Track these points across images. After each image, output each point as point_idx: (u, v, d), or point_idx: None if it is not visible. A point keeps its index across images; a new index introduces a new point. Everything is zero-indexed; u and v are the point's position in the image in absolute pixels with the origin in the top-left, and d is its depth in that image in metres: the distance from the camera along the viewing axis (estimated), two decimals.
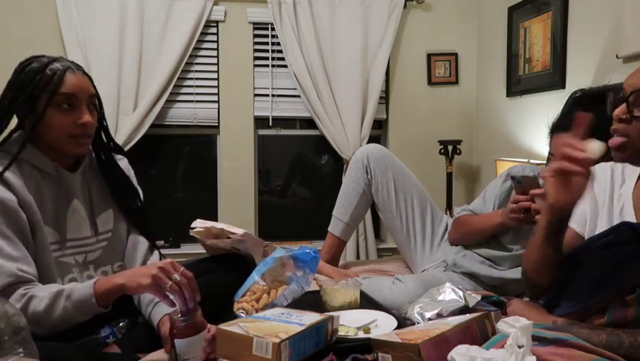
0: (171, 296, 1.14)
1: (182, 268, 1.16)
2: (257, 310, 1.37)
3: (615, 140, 1.14)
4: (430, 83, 3.51)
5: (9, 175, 1.24)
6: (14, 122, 1.34)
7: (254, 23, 3.30)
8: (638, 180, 1.24)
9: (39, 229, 1.27)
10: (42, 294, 1.17)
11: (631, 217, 1.19)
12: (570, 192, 1.09)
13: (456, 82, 3.53)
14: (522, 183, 1.63)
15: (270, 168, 3.66)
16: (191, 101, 3.26)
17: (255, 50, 3.33)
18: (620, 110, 1.12)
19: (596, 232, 1.25)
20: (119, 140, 2.97)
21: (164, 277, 1.13)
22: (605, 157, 1.27)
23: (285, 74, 3.32)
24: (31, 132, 1.29)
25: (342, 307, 1.44)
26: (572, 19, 2.52)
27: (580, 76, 2.44)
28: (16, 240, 1.22)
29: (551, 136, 1.66)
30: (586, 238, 1.27)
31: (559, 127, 1.63)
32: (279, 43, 3.27)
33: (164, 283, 1.12)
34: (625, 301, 0.99)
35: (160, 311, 1.31)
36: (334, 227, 2.20)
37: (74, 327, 1.33)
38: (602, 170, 1.32)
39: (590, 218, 1.28)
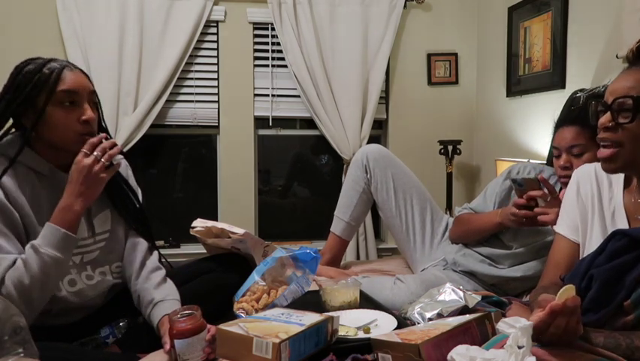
0: None
1: (98, 147, 1.27)
2: (257, 310, 1.37)
3: (604, 152, 1.13)
4: (430, 83, 3.51)
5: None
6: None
7: (254, 23, 3.29)
8: (626, 183, 1.23)
9: (33, 230, 1.27)
10: (14, 269, 1.20)
11: (623, 221, 1.18)
12: None
13: (456, 82, 3.53)
14: (523, 186, 1.63)
15: (270, 168, 3.65)
16: (191, 101, 3.26)
17: (255, 50, 3.32)
18: (605, 119, 1.11)
19: (589, 238, 1.24)
20: (119, 140, 2.96)
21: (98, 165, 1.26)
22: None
23: (285, 74, 3.32)
24: (31, 133, 1.29)
25: (342, 307, 1.44)
26: (572, 19, 2.52)
27: (580, 76, 2.44)
28: (11, 235, 1.23)
29: (556, 130, 1.69)
30: (581, 244, 1.27)
31: (563, 120, 1.67)
32: (279, 44, 3.27)
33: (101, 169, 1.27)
34: (623, 309, 0.98)
35: (160, 312, 1.31)
36: (336, 226, 2.21)
37: (74, 327, 1.33)
38: (585, 172, 1.30)
39: (582, 224, 1.26)
